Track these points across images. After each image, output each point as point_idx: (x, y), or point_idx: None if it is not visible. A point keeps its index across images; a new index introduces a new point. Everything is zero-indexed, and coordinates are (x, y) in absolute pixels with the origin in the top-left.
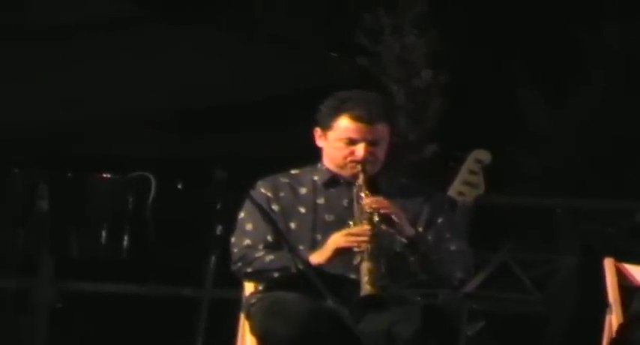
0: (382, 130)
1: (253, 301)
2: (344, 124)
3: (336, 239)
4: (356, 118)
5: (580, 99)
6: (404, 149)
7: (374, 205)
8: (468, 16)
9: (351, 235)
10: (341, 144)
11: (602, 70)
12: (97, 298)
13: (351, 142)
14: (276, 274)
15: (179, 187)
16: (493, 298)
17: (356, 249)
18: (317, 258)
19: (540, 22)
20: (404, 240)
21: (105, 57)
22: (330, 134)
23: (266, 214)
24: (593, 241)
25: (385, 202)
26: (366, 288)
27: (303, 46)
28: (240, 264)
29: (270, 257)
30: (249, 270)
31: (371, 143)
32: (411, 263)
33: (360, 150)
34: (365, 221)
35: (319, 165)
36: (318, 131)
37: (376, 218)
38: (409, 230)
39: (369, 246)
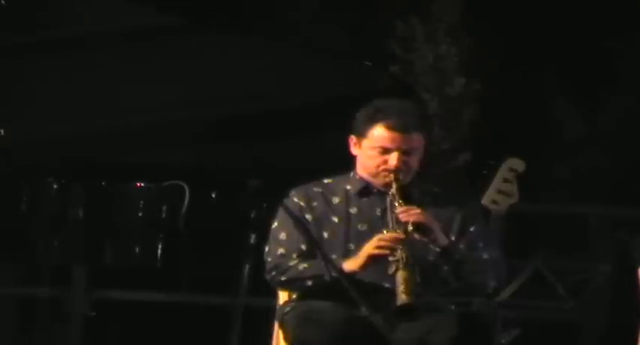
0: (417, 139)
1: (287, 309)
2: (378, 132)
3: (370, 246)
4: (391, 127)
5: (613, 107)
6: (437, 158)
7: (408, 215)
8: (501, 25)
9: (384, 241)
10: (375, 153)
11: (635, 78)
12: (131, 307)
13: (385, 150)
14: (309, 282)
15: (213, 196)
16: (527, 306)
17: (391, 258)
18: (351, 265)
19: (572, 31)
20: (437, 249)
21: (140, 65)
22: (365, 142)
23: (300, 223)
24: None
25: (419, 211)
26: (402, 297)
27: (336, 55)
28: (274, 273)
29: (303, 265)
30: (282, 278)
31: (405, 152)
32: (444, 272)
33: (393, 159)
34: (399, 231)
35: (352, 174)
36: (353, 139)
37: (410, 227)
38: (443, 240)
39: (403, 255)
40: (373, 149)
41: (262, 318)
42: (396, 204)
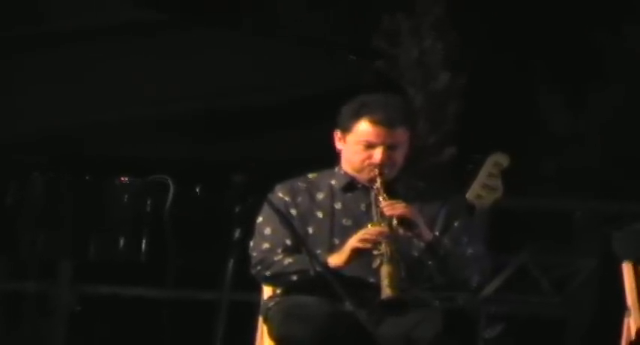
0: (401, 134)
1: (271, 304)
2: (363, 127)
3: (354, 240)
4: (375, 122)
5: (600, 101)
6: (422, 152)
7: (392, 209)
8: (486, 19)
9: (369, 234)
10: (359, 147)
11: (623, 72)
12: (116, 302)
13: (370, 145)
14: (294, 277)
15: (197, 190)
16: (512, 300)
17: (375, 252)
18: (335, 260)
19: (559, 24)
20: (422, 244)
21: (127, 60)
22: (350, 137)
23: (284, 218)
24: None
25: (403, 205)
26: (386, 291)
27: (321, 49)
28: (259, 268)
29: (288, 260)
30: (267, 273)
31: (389, 147)
32: (428, 267)
33: (377, 154)
34: (384, 225)
35: (336, 169)
36: (337, 134)
37: (395, 222)
38: (427, 234)
39: (388, 249)
40: (358, 144)
41: (247, 313)
42: (381, 198)
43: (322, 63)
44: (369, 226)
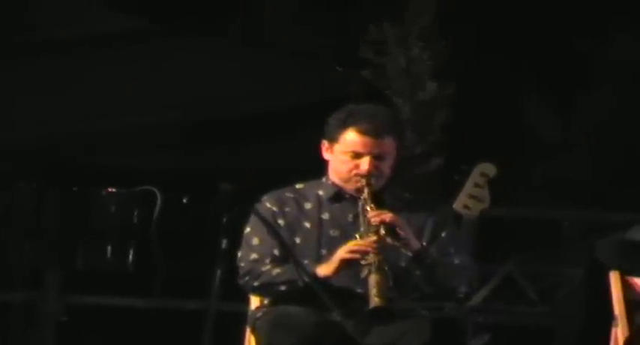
0: (388, 144)
1: (259, 314)
2: (350, 137)
3: (342, 251)
4: (362, 132)
5: (588, 110)
6: (409, 162)
7: (380, 218)
8: (474, 28)
9: (357, 246)
10: (346, 157)
11: (610, 81)
12: (103, 312)
13: (357, 155)
14: (283, 287)
15: (185, 200)
16: (499, 310)
17: (363, 262)
18: (323, 270)
19: (546, 33)
20: (409, 253)
21: (112, 70)
22: (337, 147)
23: (272, 229)
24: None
25: (391, 215)
26: (374, 300)
27: (308, 59)
28: (247, 278)
29: (276, 270)
30: (256, 284)
31: (376, 157)
32: (416, 277)
33: (364, 164)
34: (371, 234)
35: (324, 179)
36: (325, 144)
37: (382, 231)
38: (415, 243)
39: (376, 258)
40: (345, 154)
41: (234, 323)
42: (368, 208)
43: (310, 73)
44: (357, 236)
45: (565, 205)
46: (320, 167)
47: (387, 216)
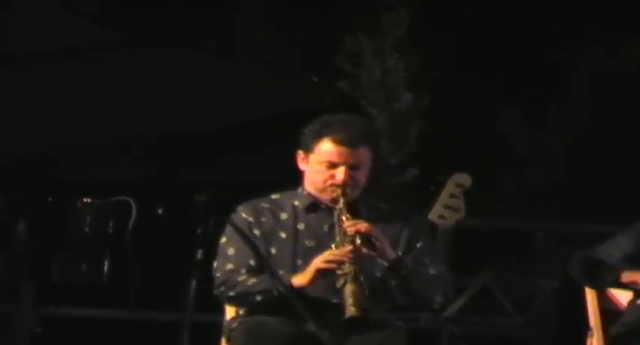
0: (363, 154)
1: (234, 325)
2: (325, 147)
3: (318, 261)
4: (337, 142)
5: (561, 122)
6: (385, 173)
7: (356, 228)
8: (449, 40)
9: (332, 256)
10: (322, 167)
11: (584, 93)
12: (78, 323)
13: (332, 165)
14: (258, 297)
15: (160, 211)
16: (474, 321)
17: (339, 271)
18: (299, 280)
19: (521, 45)
20: (385, 263)
21: (86, 81)
22: (312, 157)
23: (247, 239)
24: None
25: (367, 224)
26: (350, 310)
27: (283, 70)
28: (222, 288)
29: (252, 280)
30: (231, 294)
31: (352, 167)
32: (391, 287)
33: (340, 174)
34: (347, 244)
35: (300, 189)
36: (300, 154)
37: (358, 241)
38: (390, 253)
39: (351, 268)
40: (320, 164)
41: (209, 333)
42: (344, 218)
43: (285, 84)
44: (333, 246)
45: (539, 216)
46: (296, 178)
47: (363, 226)
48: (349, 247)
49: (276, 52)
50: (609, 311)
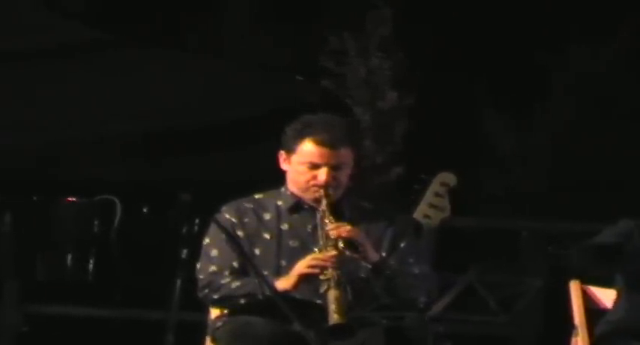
0: (345, 154)
1: (219, 324)
2: (307, 148)
3: (301, 265)
4: (319, 143)
5: (545, 121)
6: (369, 172)
7: (338, 231)
8: (434, 39)
9: (316, 260)
10: (304, 168)
11: (568, 93)
12: (63, 322)
13: (314, 166)
14: (242, 301)
15: (144, 210)
16: (459, 320)
17: (322, 277)
18: (282, 284)
19: (505, 45)
20: (368, 266)
21: (69, 80)
22: (294, 158)
23: (232, 239)
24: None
25: (349, 228)
26: (333, 317)
27: (268, 69)
28: (206, 291)
29: (236, 284)
30: (215, 296)
31: (334, 167)
32: (375, 287)
33: (322, 174)
34: (330, 248)
35: (283, 189)
36: (282, 155)
37: (341, 244)
38: (373, 256)
39: (335, 273)
40: (302, 165)
41: (194, 333)
42: (327, 221)
43: (269, 83)
44: (316, 250)
45: (524, 215)
46: (281, 177)
47: (345, 230)
48: (332, 252)
49: (261, 51)
50: (592, 310)
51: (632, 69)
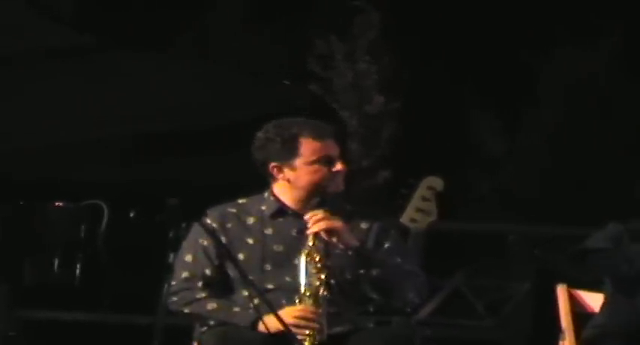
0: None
1: (205, 328)
2: (312, 145)
3: (288, 316)
4: (320, 136)
5: (533, 124)
6: (356, 175)
7: (317, 224)
8: (421, 43)
9: (304, 318)
10: (317, 165)
11: (555, 95)
12: (50, 326)
13: (327, 158)
14: (212, 322)
15: (132, 214)
16: (447, 324)
17: (299, 337)
18: (262, 328)
19: (492, 48)
20: (349, 252)
21: (57, 84)
22: (299, 161)
23: (218, 241)
24: (547, 267)
25: (324, 215)
26: None
27: (255, 74)
28: (175, 299)
29: (212, 306)
30: (186, 310)
31: (339, 156)
32: (364, 286)
33: (338, 163)
34: (315, 281)
35: (266, 194)
36: (274, 168)
37: (324, 236)
38: (353, 241)
39: (315, 328)
40: (314, 163)
41: (181, 337)
42: (306, 218)
43: (257, 86)
44: (303, 256)
45: (511, 218)
46: (265, 181)
47: (324, 222)
48: (318, 311)
49: (248, 55)
50: (579, 314)
51: (622, 70)
